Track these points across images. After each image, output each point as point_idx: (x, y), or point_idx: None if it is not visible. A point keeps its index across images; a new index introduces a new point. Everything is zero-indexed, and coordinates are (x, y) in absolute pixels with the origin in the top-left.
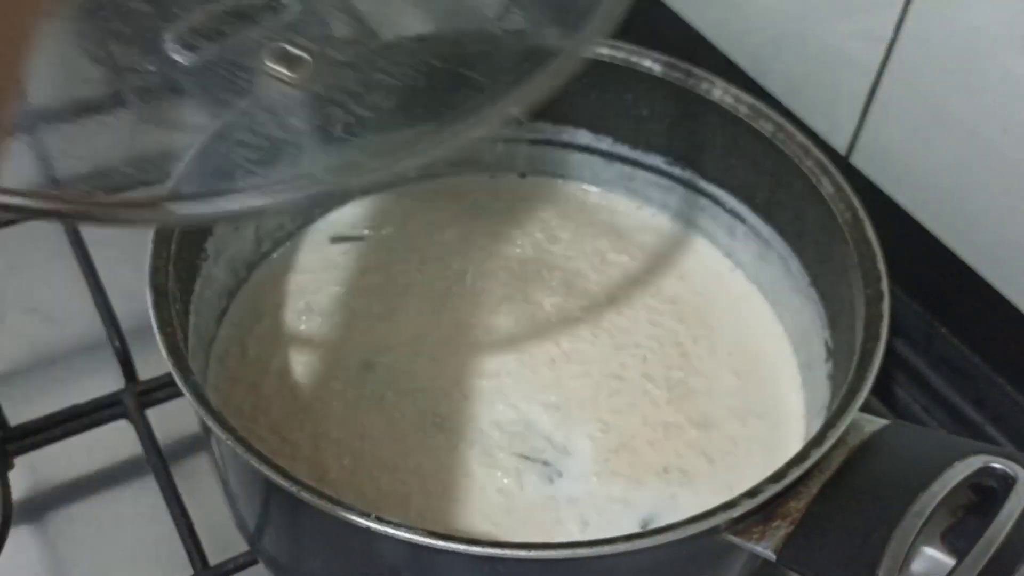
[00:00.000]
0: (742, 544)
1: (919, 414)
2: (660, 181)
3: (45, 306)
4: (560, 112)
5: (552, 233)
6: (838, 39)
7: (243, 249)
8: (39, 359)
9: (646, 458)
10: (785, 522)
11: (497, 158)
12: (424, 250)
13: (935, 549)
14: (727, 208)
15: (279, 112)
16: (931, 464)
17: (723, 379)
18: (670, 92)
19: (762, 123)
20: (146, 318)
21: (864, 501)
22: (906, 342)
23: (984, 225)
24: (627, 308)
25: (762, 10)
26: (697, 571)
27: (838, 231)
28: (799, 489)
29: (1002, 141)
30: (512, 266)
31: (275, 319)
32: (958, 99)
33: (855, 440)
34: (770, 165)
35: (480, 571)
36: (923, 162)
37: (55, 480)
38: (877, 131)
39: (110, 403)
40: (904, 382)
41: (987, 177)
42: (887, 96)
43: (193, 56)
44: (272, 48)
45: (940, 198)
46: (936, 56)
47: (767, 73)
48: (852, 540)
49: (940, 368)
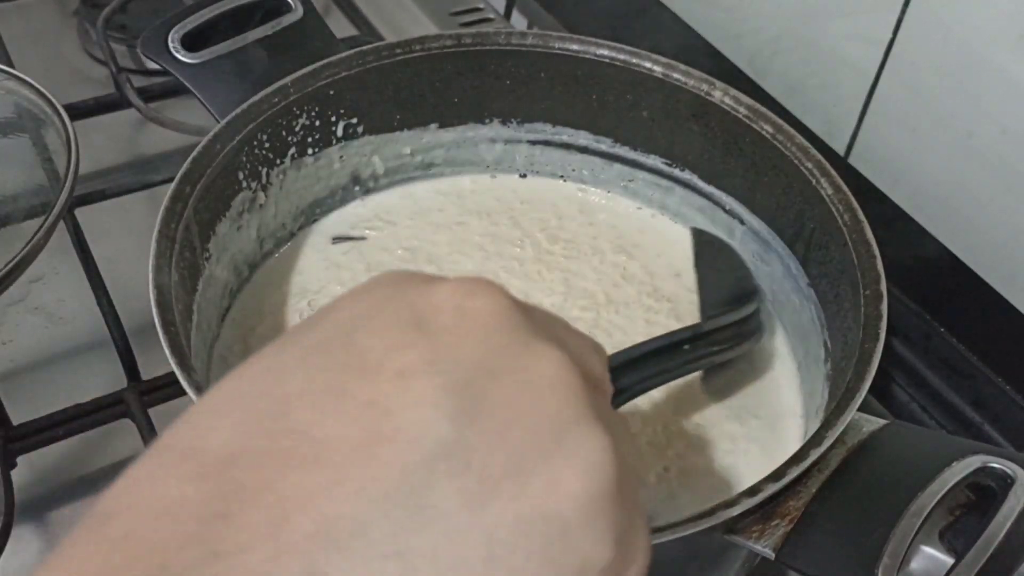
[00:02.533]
0: (741, 543)
1: (917, 414)
2: (660, 182)
3: (48, 305)
4: (560, 113)
5: (552, 233)
6: (837, 41)
7: (245, 249)
8: (42, 358)
9: (646, 457)
10: (784, 521)
11: (497, 158)
12: (424, 250)
13: (934, 548)
14: (726, 209)
15: None
16: (929, 464)
17: (722, 379)
18: (670, 93)
19: (761, 124)
20: (149, 317)
21: (863, 500)
22: (904, 342)
23: (982, 225)
24: (625, 308)
25: (761, 12)
26: (696, 570)
27: (837, 232)
28: (798, 488)
29: (1000, 142)
30: (512, 266)
31: (277, 318)
32: (956, 100)
33: (854, 440)
34: (769, 166)
35: None
36: (921, 163)
37: (58, 479)
38: (876, 132)
39: (113, 402)
40: (903, 382)
41: (985, 178)
42: (885, 97)
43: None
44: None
45: (938, 199)
46: (934, 58)
47: (766, 75)
48: (851, 539)
49: (938, 368)
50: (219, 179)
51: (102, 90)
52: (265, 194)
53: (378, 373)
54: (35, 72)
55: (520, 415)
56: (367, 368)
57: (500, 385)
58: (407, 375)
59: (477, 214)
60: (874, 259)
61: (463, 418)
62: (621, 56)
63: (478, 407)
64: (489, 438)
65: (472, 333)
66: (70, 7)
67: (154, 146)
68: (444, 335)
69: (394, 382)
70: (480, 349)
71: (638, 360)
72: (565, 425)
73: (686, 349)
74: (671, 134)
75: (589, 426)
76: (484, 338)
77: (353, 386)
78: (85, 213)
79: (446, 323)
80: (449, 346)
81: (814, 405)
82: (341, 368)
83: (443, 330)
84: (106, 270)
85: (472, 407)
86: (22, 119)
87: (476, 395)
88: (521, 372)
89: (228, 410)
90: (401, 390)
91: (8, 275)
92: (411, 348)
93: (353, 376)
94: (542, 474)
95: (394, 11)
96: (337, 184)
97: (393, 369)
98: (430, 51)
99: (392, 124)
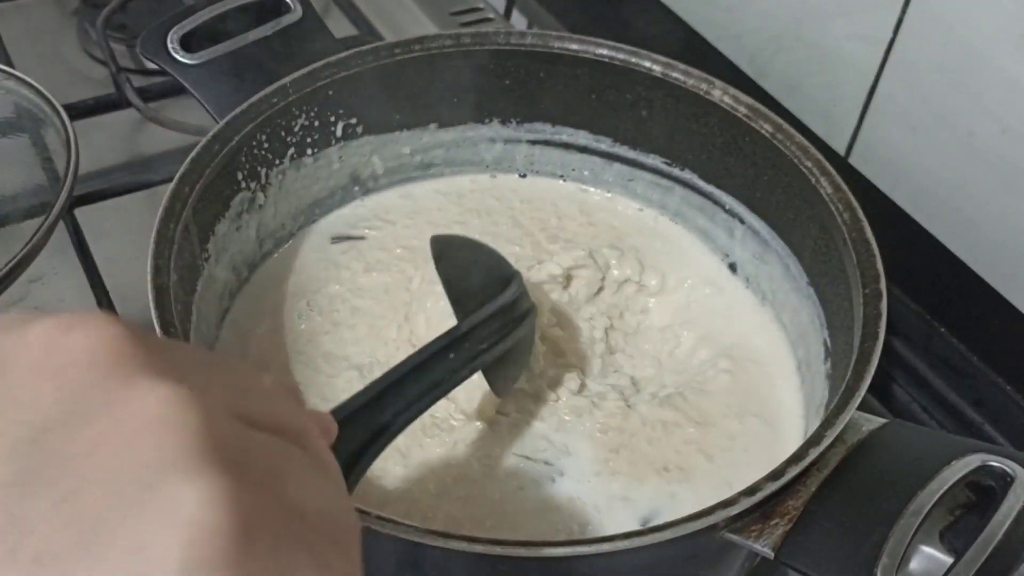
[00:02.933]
0: (741, 542)
1: (917, 413)
2: (659, 181)
3: (48, 305)
4: (560, 113)
5: (552, 232)
6: (837, 40)
7: (245, 249)
8: None
9: (646, 456)
10: (783, 520)
11: (497, 158)
12: (424, 250)
13: (933, 547)
14: (726, 208)
15: None
16: (929, 463)
17: (721, 378)
18: (669, 93)
19: (761, 124)
20: (148, 318)
21: (862, 499)
22: (904, 341)
23: (982, 225)
24: (624, 308)
25: (761, 11)
26: (696, 569)
27: (837, 231)
28: (797, 487)
29: (1000, 141)
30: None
31: (276, 318)
32: (956, 100)
33: (853, 439)
34: (769, 166)
35: (481, 569)
36: (921, 162)
37: None
38: (876, 132)
39: None
40: (902, 381)
41: (986, 177)
42: (886, 97)
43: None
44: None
45: (938, 198)
46: (934, 57)
47: (766, 74)
48: (850, 538)
49: (938, 367)
50: (218, 179)
51: (102, 90)
52: (264, 194)
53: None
54: (35, 72)
55: (99, 468)
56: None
57: (80, 435)
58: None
59: (477, 213)
60: (874, 259)
61: (16, 491)
62: (621, 56)
63: (42, 470)
64: (52, 509)
65: (56, 377)
66: (70, 7)
67: (153, 146)
68: (20, 387)
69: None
70: (61, 396)
71: (387, 391)
72: (160, 474)
73: (451, 358)
74: (671, 134)
75: (194, 471)
76: (69, 381)
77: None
78: (85, 213)
79: (26, 370)
80: (23, 400)
81: (814, 404)
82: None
83: (20, 381)
84: (106, 270)
85: (34, 472)
86: (22, 119)
87: (44, 455)
88: (109, 415)
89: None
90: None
91: (8, 275)
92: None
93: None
94: (124, 541)
95: (394, 11)
96: (336, 184)
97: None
98: (430, 51)
99: (391, 124)
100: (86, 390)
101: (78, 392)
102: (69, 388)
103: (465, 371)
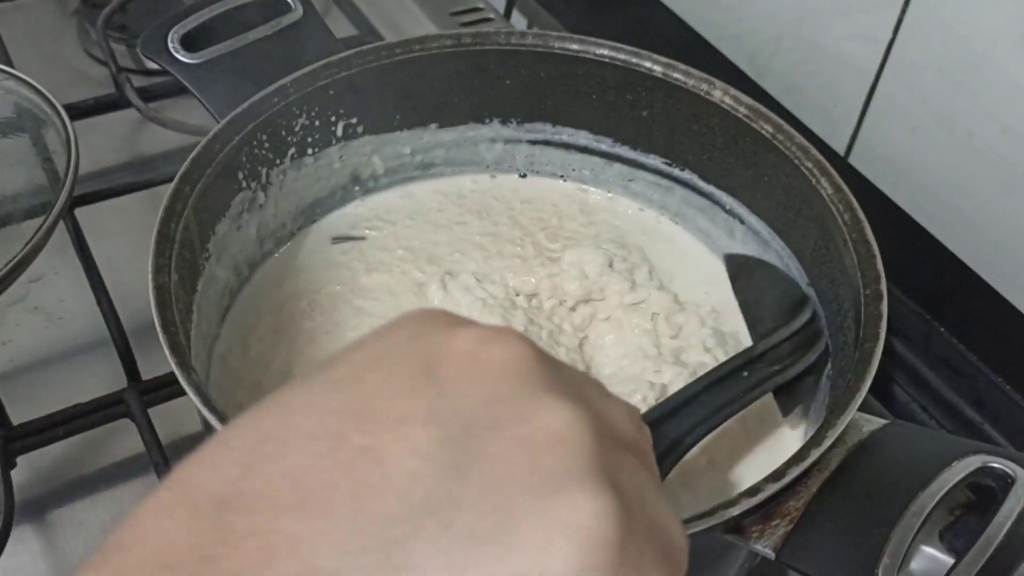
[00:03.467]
0: (741, 543)
1: (918, 414)
2: (660, 182)
3: (48, 305)
4: (560, 113)
5: (552, 232)
6: (837, 41)
7: (245, 249)
8: (42, 358)
9: None
10: (784, 521)
11: (497, 158)
12: (424, 250)
13: (934, 548)
14: (726, 209)
15: None
16: (930, 463)
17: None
18: (670, 93)
19: (761, 124)
20: (149, 317)
21: (863, 500)
22: (905, 342)
23: (982, 225)
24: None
25: (761, 12)
26: (696, 569)
27: (837, 231)
28: (798, 488)
29: (1000, 142)
30: (514, 265)
31: (277, 318)
32: (956, 100)
33: (854, 439)
34: (769, 166)
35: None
36: (921, 162)
37: (58, 479)
38: (876, 132)
39: (112, 402)
40: (903, 382)
41: (985, 177)
42: (885, 97)
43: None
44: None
45: (938, 198)
46: (934, 57)
47: (766, 74)
48: (851, 539)
49: (938, 368)
50: (219, 179)
51: (102, 90)
52: (265, 194)
53: (377, 419)
54: (35, 72)
55: (515, 471)
56: (368, 413)
57: (499, 438)
58: (406, 423)
59: (477, 214)
60: (874, 259)
61: (454, 473)
62: (621, 56)
63: (472, 461)
64: (479, 495)
65: (480, 383)
66: (70, 7)
67: (154, 146)
68: (451, 384)
69: (392, 430)
70: (484, 400)
71: (686, 404)
72: (561, 484)
73: (745, 376)
74: (671, 134)
75: (589, 487)
76: (491, 388)
77: (350, 431)
78: (85, 213)
79: (456, 371)
80: (453, 396)
81: (815, 405)
82: (343, 411)
83: (451, 379)
84: (106, 270)
85: (466, 461)
86: (22, 119)
87: (472, 449)
88: (523, 425)
89: (233, 448)
90: (397, 439)
91: (8, 275)
92: (415, 396)
93: (353, 420)
94: (531, 536)
95: (394, 11)
96: (337, 184)
97: (394, 416)
98: (430, 51)
99: (392, 124)
100: (503, 399)
101: (496, 399)
102: (490, 394)
103: (757, 391)
